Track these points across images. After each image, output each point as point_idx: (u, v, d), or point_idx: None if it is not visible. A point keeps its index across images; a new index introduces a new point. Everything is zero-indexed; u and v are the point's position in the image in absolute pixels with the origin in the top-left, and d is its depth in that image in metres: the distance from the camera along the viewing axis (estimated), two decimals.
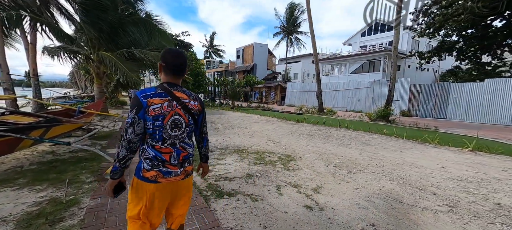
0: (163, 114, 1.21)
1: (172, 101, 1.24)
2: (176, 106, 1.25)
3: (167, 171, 1.24)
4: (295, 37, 32.33)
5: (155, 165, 1.22)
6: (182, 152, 1.29)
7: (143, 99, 1.18)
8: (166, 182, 1.25)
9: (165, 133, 1.23)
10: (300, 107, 16.95)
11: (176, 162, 1.26)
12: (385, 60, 20.23)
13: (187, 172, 1.33)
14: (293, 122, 11.28)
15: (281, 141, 6.55)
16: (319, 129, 9.14)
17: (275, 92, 28.13)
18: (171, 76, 1.30)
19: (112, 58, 8.20)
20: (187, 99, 1.30)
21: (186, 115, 1.29)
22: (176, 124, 1.25)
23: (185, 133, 1.31)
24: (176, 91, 1.27)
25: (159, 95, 1.22)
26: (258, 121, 11.66)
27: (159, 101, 1.21)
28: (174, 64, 1.29)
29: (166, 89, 1.25)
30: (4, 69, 7.98)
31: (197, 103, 1.36)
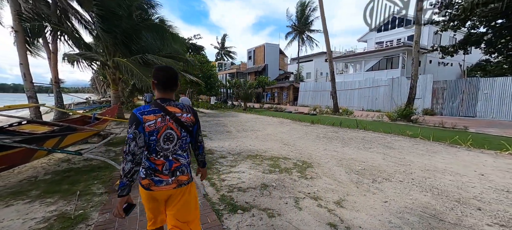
0: (157, 129, 1.29)
1: (165, 116, 1.31)
2: (169, 121, 1.32)
3: (159, 180, 1.31)
4: (307, 35, 31.68)
5: (149, 173, 1.31)
6: (174, 162, 1.35)
7: (140, 116, 1.26)
8: (158, 190, 1.32)
9: (158, 146, 1.31)
10: (314, 108, 16.46)
11: (168, 171, 1.33)
12: (404, 56, 19.17)
13: (180, 182, 1.37)
14: (307, 124, 10.90)
15: (296, 144, 6.26)
16: (336, 130, 8.71)
17: (287, 92, 27.70)
18: (163, 92, 1.36)
19: (127, 64, 8.33)
20: (179, 113, 1.36)
21: (178, 128, 1.35)
22: (168, 137, 1.32)
23: (177, 145, 1.36)
24: (169, 106, 1.34)
25: (153, 112, 1.29)
26: (271, 123, 11.40)
27: (153, 118, 1.28)
28: (165, 80, 1.35)
29: (159, 105, 1.32)
30: (28, 78, 8.37)
31: (190, 115, 1.42)
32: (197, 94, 17.22)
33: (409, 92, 11.36)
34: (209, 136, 7.51)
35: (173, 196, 1.37)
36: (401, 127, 9.43)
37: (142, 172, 1.33)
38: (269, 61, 32.67)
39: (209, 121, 11.57)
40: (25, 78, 8.34)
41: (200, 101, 22.12)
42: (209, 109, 19.86)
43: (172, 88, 1.38)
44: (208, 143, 6.43)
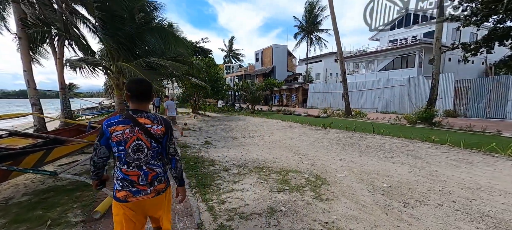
0: (124, 139, 1.32)
1: (134, 127, 1.34)
2: (138, 132, 1.34)
3: (137, 191, 1.35)
4: (316, 36, 30.90)
5: (125, 185, 1.34)
6: (150, 172, 1.39)
7: (106, 128, 1.32)
8: (136, 201, 1.36)
9: (128, 157, 1.34)
10: (325, 110, 15.71)
11: (145, 182, 1.37)
12: (421, 54, 18.04)
13: (158, 190, 1.42)
14: (318, 128, 10.24)
15: (307, 153, 5.66)
16: (350, 136, 8.02)
17: (296, 94, 26.98)
18: (136, 103, 1.39)
19: (130, 68, 8.04)
20: (150, 124, 1.38)
21: (148, 139, 1.37)
22: (138, 148, 1.34)
23: (149, 155, 1.38)
24: (140, 118, 1.36)
25: (122, 122, 1.33)
26: (280, 127, 10.81)
27: (121, 128, 1.32)
28: (137, 92, 1.38)
29: (130, 116, 1.35)
30: (31, 85, 8.26)
31: (161, 126, 1.42)
32: (203, 98, 16.89)
33: (429, 92, 10.46)
34: (214, 143, 7.05)
35: (152, 205, 1.42)
36: (423, 131, 8.59)
37: (117, 184, 1.36)
38: (277, 63, 32.09)
39: (214, 126, 11.14)
40: (29, 85, 8.23)
41: (207, 104, 21.85)
42: (216, 112, 19.52)
43: (145, 100, 1.42)
44: (212, 151, 5.96)
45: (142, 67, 8.55)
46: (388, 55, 20.51)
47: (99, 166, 1.39)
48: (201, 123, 12.37)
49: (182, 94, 26.84)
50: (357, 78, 23.14)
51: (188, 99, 24.87)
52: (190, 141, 7.59)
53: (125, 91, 1.39)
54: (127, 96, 1.39)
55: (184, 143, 7.11)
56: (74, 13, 11.32)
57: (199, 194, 3.27)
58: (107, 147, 1.34)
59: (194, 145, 6.84)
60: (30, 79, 8.21)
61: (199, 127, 10.86)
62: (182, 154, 5.68)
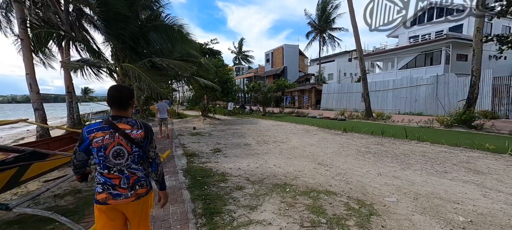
0: (104, 145, 1.35)
1: (114, 133, 1.36)
2: (118, 137, 1.36)
3: (117, 194, 1.36)
4: (329, 34, 29.67)
5: (106, 188, 1.36)
6: (131, 176, 1.40)
7: (86, 135, 1.36)
8: (115, 204, 1.37)
9: (109, 162, 1.36)
10: (342, 112, 14.59)
11: (126, 186, 1.38)
12: (448, 50, 16.49)
13: (139, 194, 1.42)
14: (338, 132, 9.23)
15: (334, 164, 4.74)
16: (379, 142, 6.98)
17: (309, 95, 25.87)
18: (116, 109, 1.42)
19: (134, 69, 7.46)
20: (129, 130, 1.40)
21: (128, 144, 1.39)
22: (118, 153, 1.37)
23: (130, 160, 1.39)
24: (119, 123, 1.39)
25: (102, 129, 1.37)
26: (295, 131, 9.89)
27: (101, 135, 1.35)
28: (116, 99, 1.41)
29: (110, 122, 1.38)
30: (34, 88, 7.87)
31: (140, 131, 1.43)
32: (213, 100, 16.25)
33: (469, 91, 9.17)
34: (224, 151, 6.26)
35: (132, 209, 1.42)
36: (466, 135, 7.39)
37: (98, 187, 1.38)
38: (288, 63, 31.11)
39: (225, 130, 10.39)
40: (31, 89, 7.84)
41: (217, 107, 21.25)
42: (226, 115, 18.84)
43: (124, 106, 1.43)
44: (222, 161, 5.16)
45: (147, 68, 7.95)
46: (410, 52, 19.02)
47: (79, 167, 1.46)
48: (211, 127, 11.67)
49: (192, 97, 26.51)
50: (375, 77, 21.73)
51: (197, 101, 24.41)
52: (198, 147, 6.85)
53: (106, 97, 1.44)
54: (108, 102, 1.43)
55: (192, 150, 6.37)
56: (80, 14, 11.02)
57: (206, 228, 2.45)
58: (86, 152, 1.39)
59: (202, 153, 6.08)
60: (32, 83, 7.82)
61: (209, 131, 10.14)
62: (188, 165, 4.93)
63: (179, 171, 4.40)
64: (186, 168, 4.64)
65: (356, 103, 19.46)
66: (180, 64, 7.99)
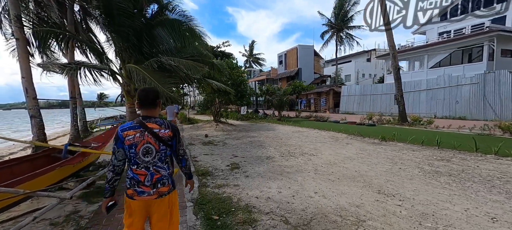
0: (135, 143, 1.48)
1: (144, 131, 1.50)
2: (147, 136, 1.50)
3: (141, 191, 1.49)
4: (346, 33, 27.98)
5: (132, 184, 1.50)
6: (155, 174, 1.51)
7: (120, 133, 1.49)
8: (140, 200, 1.49)
9: (138, 159, 1.49)
10: (369, 116, 12.99)
11: (149, 183, 1.49)
12: (492, 44, 14.46)
13: (161, 192, 1.52)
14: (376, 141, 7.76)
15: (402, 193, 3.37)
16: (441, 156, 5.46)
17: (326, 98, 24.25)
18: (145, 110, 1.56)
19: (139, 71, 6.45)
20: (158, 129, 1.52)
21: (156, 142, 1.51)
22: (147, 150, 1.49)
23: (157, 157, 1.52)
24: (148, 123, 1.52)
25: (133, 128, 1.50)
26: (322, 139, 8.52)
27: (132, 133, 1.48)
28: (145, 100, 1.56)
29: (140, 122, 1.51)
30: (31, 94, 7.06)
31: (168, 131, 1.56)
32: (226, 104, 15.16)
33: None
34: (244, 167, 5.03)
35: (154, 206, 1.51)
36: None
37: (127, 182, 1.51)
38: (302, 65, 29.69)
39: (240, 138, 9.18)
40: (27, 94, 7.04)
41: (229, 111, 20.20)
42: (239, 120, 17.70)
43: (152, 106, 1.57)
44: (244, 184, 3.93)
45: (153, 70, 6.93)
46: (444, 49, 17.04)
47: (119, 170, 1.52)
48: (224, 134, 10.52)
49: (203, 101, 25.66)
50: (403, 77, 19.78)
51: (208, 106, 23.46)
52: (212, 162, 5.67)
53: (136, 100, 1.59)
54: (137, 103, 1.59)
55: (204, 167, 5.18)
56: (86, 13, 10.33)
57: None
58: (124, 149, 1.48)
59: (217, 170, 4.89)
60: (29, 88, 7.01)
61: (222, 140, 8.98)
62: (201, 190, 3.74)
63: (188, 203, 3.20)
64: (197, 197, 3.44)
65: (382, 106, 17.69)
66: (190, 63, 6.91)
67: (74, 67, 6.30)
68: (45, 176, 2.91)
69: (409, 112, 14.66)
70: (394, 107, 17.16)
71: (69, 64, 6.45)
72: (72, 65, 6.38)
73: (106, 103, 51.61)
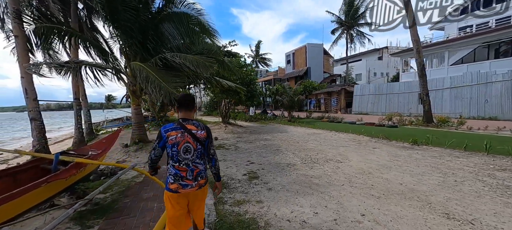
0: (177, 142, 1.71)
1: (184, 132, 1.73)
2: (187, 136, 1.73)
3: (185, 184, 1.73)
4: (357, 30, 26.95)
5: (177, 179, 1.73)
6: (195, 169, 1.76)
7: (164, 133, 1.73)
8: (184, 192, 1.74)
9: (180, 156, 1.72)
10: (388, 117, 12.08)
11: (191, 177, 1.74)
12: None
13: (200, 184, 1.79)
14: (406, 144, 6.94)
15: (486, 221, 2.60)
16: (502, 166, 4.61)
17: (337, 98, 23.31)
18: (184, 112, 1.82)
19: (143, 68, 5.86)
20: (195, 130, 1.77)
21: (194, 142, 1.75)
22: (187, 149, 1.73)
23: (195, 155, 1.76)
24: (188, 125, 1.77)
25: (175, 128, 1.74)
26: (342, 142, 7.75)
27: (175, 133, 1.72)
28: (185, 104, 1.82)
29: (181, 124, 1.76)
30: (30, 95, 6.57)
31: (204, 132, 1.81)
32: (234, 104, 14.52)
33: None
34: (264, 177, 4.34)
35: (195, 196, 1.78)
36: None
37: (170, 178, 1.74)
38: (312, 64, 28.80)
39: (253, 141, 8.49)
40: (27, 95, 6.55)
41: (236, 112, 19.57)
42: (248, 121, 17.03)
43: (190, 109, 1.83)
44: (269, 200, 3.23)
45: (159, 68, 6.33)
46: (467, 44, 15.89)
47: (155, 162, 1.87)
48: (235, 137, 9.86)
49: (209, 102, 25.12)
50: (417, 76, 18.69)
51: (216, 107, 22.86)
52: (225, 169, 5.00)
53: (175, 104, 1.94)
54: (176, 107, 1.86)
55: None
56: (91, 10, 9.89)
57: None
58: (162, 148, 1.77)
59: (233, 181, 4.21)
60: (28, 88, 6.53)
61: (234, 143, 8.31)
62: (218, 207, 3.07)
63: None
64: (215, 220, 2.76)
65: (399, 106, 16.68)
66: (198, 60, 6.27)
67: (73, 66, 5.74)
68: (27, 195, 2.30)
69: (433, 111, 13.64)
70: (413, 107, 16.15)
71: (67, 63, 5.88)
72: (71, 64, 5.82)
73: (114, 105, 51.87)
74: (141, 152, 7.23)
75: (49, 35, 6.53)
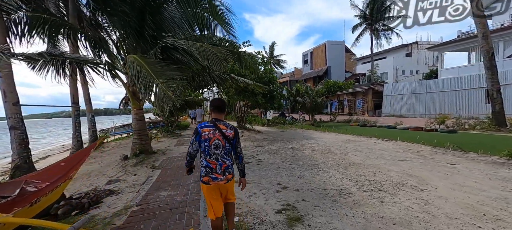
0: (209, 138, 2.00)
1: (216, 130, 2.02)
2: (217, 134, 2.02)
3: (215, 177, 2.00)
4: (383, 25, 24.47)
5: (207, 172, 2.00)
6: (223, 164, 2.02)
7: (199, 129, 2.03)
8: (214, 185, 2.02)
9: (210, 150, 2.00)
10: (441, 119, 9.88)
11: (220, 171, 2.01)
12: None
13: (228, 178, 2.06)
14: (495, 158, 4.94)
15: None
16: None
17: (363, 99, 21.02)
18: (216, 114, 2.13)
19: (135, 61, 4.48)
20: (225, 130, 2.05)
21: (223, 140, 2.02)
22: (216, 145, 2.01)
23: (223, 151, 2.03)
24: (219, 124, 2.06)
25: (209, 126, 2.04)
26: (395, 153, 5.87)
27: (208, 130, 2.02)
28: (218, 107, 2.15)
29: (213, 123, 2.06)
30: (9, 98, 5.41)
31: (232, 131, 2.08)
32: (251, 108, 12.96)
33: None
34: (309, 216, 2.75)
35: (224, 187, 2.10)
36: None
37: (202, 171, 2.02)
38: (332, 63, 26.69)
39: (277, 152, 6.82)
40: (6, 98, 5.42)
41: (254, 116, 18.01)
42: (265, 126, 15.41)
43: (221, 111, 2.15)
44: None
45: (158, 60, 4.91)
46: None
47: (193, 155, 2.11)
48: (254, 145, 8.27)
49: None
50: (461, 71, 16.07)
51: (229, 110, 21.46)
52: (248, 199, 3.40)
53: (210, 107, 2.27)
54: (211, 110, 2.19)
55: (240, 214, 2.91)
56: None
57: None
58: (199, 142, 2.02)
59: (264, 223, 2.60)
60: (7, 90, 5.37)
61: (254, 153, 6.71)
62: None
63: None
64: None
65: (444, 107, 14.23)
66: (209, 48, 4.79)
67: (47, 59, 4.47)
68: None
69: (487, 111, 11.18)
70: (462, 107, 13.67)
71: (38, 54, 4.61)
72: (44, 57, 4.54)
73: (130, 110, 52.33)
74: (141, 166, 5.84)
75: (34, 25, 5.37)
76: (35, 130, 36.31)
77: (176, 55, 5.00)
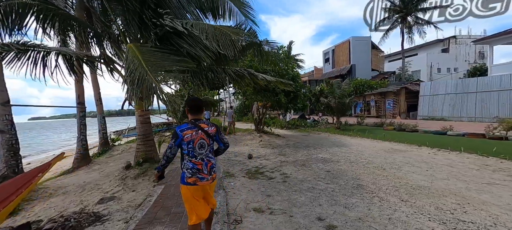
0: (192, 139, 1.94)
1: (198, 130, 1.98)
2: (201, 133, 1.98)
3: (202, 177, 1.96)
4: (416, 18, 21.94)
5: (194, 172, 1.93)
6: (208, 163, 2.00)
7: (180, 133, 1.94)
8: (201, 185, 1.97)
9: (195, 152, 1.95)
10: (509, 125, 7.91)
11: (206, 171, 1.98)
12: None
13: (213, 178, 2.05)
14: None
15: None
16: None
17: (395, 99, 18.84)
18: (194, 114, 2.06)
19: (129, 50, 3.48)
20: (207, 128, 2.02)
21: (207, 138, 2.01)
22: (201, 145, 1.98)
23: (208, 150, 2.01)
24: (200, 124, 2.02)
25: (190, 128, 1.97)
26: (467, 170, 4.31)
27: (190, 132, 1.95)
28: (195, 107, 2.07)
29: (194, 123, 2.00)
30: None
31: (213, 128, 2.08)
32: (271, 108, 11.72)
33: None
34: None
35: (209, 187, 2.06)
36: None
37: (187, 172, 1.93)
38: (356, 61, 24.60)
39: (306, 163, 5.52)
40: None
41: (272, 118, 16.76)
42: (284, 129, 14.07)
43: (199, 112, 2.08)
44: None
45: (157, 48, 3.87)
46: None
47: (170, 160, 1.99)
48: (275, 153, 7.03)
49: (239, 106, 22.79)
50: None
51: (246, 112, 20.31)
52: None
53: (186, 107, 2.10)
54: (187, 110, 2.08)
55: None
56: None
57: None
58: (178, 146, 1.94)
59: None
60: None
61: (277, 166, 5.47)
62: None
63: None
64: None
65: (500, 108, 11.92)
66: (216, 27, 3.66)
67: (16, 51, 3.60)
68: None
69: None
70: None
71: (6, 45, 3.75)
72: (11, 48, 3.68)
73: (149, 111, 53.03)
74: (142, 179, 4.87)
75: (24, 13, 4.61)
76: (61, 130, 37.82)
77: (177, 41, 3.95)
